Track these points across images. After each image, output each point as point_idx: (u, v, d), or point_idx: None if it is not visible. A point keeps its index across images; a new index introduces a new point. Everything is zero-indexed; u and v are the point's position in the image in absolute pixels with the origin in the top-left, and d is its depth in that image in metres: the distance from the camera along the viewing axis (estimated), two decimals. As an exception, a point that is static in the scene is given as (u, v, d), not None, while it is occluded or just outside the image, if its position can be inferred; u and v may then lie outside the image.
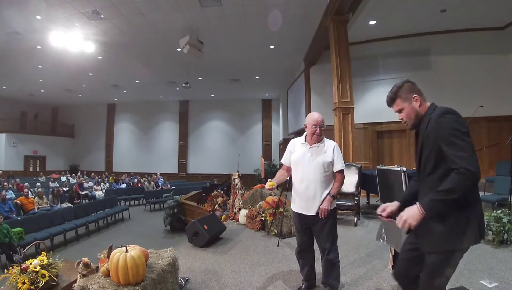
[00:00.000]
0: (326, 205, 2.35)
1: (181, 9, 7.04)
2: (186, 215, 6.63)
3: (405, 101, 1.60)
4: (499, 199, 5.32)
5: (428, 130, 1.49)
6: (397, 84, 1.63)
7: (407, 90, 1.60)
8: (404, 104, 1.60)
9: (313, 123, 2.43)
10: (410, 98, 1.58)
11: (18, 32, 8.11)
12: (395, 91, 1.62)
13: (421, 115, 1.57)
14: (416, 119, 1.59)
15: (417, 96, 1.58)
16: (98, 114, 18.74)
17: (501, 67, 7.60)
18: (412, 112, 1.59)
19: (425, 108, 1.57)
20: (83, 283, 2.05)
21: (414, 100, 1.58)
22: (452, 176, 1.35)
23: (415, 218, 1.39)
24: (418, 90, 1.60)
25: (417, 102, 1.58)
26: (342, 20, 6.44)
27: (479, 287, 2.70)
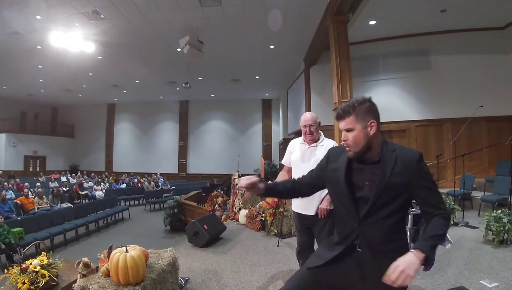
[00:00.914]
0: (325, 204, 2.35)
1: (181, 9, 7.03)
2: (186, 215, 6.64)
3: (360, 122, 1.32)
4: (499, 199, 5.32)
5: (397, 172, 1.28)
6: (357, 99, 1.36)
7: (366, 110, 1.32)
8: (356, 124, 1.32)
9: (303, 123, 2.45)
10: (366, 121, 1.32)
11: (18, 32, 8.11)
12: (352, 105, 1.34)
13: (371, 145, 1.32)
14: (364, 149, 1.32)
15: (375, 123, 1.32)
16: (98, 114, 18.73)
17: (501, 67, 7.59)
18: (362, 139, 1.32)
19: (378, 141, 1.34)
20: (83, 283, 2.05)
21: (369, 125, 1.32)
22: (442, 221, 1.27)
23: (414, 268, 1.16)
24: (378, 116, 1.35)
25: (372, 130, 1.32)
26: (342, 20, 6.43)
27: (479, 287, 2.70)
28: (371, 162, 1.35)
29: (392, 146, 1.36)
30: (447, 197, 5.16)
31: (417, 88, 8.21)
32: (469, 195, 6.21)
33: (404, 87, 8.38)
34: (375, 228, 1.30)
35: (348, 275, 1.35)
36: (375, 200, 1.30)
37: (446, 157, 7.54)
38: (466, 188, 6.11)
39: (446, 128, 7.93)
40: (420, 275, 2.92)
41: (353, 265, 1.33)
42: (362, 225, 1.32)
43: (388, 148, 1.35)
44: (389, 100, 8.47)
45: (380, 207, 1.30)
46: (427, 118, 8.11)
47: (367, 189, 1.33)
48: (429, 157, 7.68)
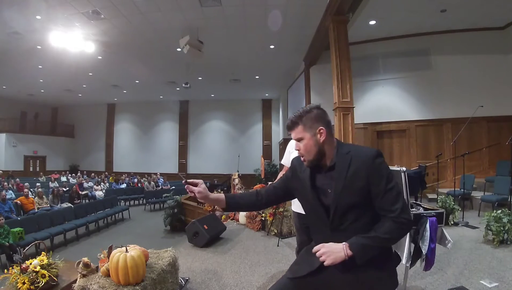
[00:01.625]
0: None
1: (181, 9, 7.03)
2: (186, 215, 6.62)
3: (308, 130, 1.32)
4: (499, 199, 5.33)
5: (353, 173, 1.26)
6: (304, 108, 1.36)
7: (313, 118, 1.32)
8: (305, 133, 1.32)
9: None
10: (314, 129, 1.31)
11: (18, 32, 8.11)
12: (299, 115, 1.34)
13: (324, 152, 1.32)
14: (317, 156, 1.32)
15: (323, 129, 1.31)
16: (98, 114, 18.73)
17: (501, 67, 7.60)
18: (313, 147, 1.32)
19: (331, 145, 1.33)
20: (83, 283, 2.05)
21: (318, 132, 1.31)
22: (390, 224, 1.22)
23: (335, 258, 1.20)
24: (327, 122, 1.34)
25: (322, 136, 1.31)
26: (342, 20, 6.43)
27: (479, 287, 2.70)
28: (328, 168, 1.34)
29: (347, 148, 1.33)
30: (447, 197, 5.16)
31: (417, 88, 8.22)
32: (469, 195, 6.21)
33: (404, 87, 8.38)
34: (348, 234, 1.27)
35: (330, 282, 1.34)
36: (336, 206, 1.28)
37: (446, 157, 7.55)
38: (466, 188, 6.11)
39: (446, 128, 7.94)
40: (420, 275, 2.92)
41: (335, 271, 1.31)
42: (335, 232, 1.30)
43: (343, 151, 1.32)
44: (389, 100, 8.48)
45: (345, 212, 1.28)
46: (427, 118, 8.12)
47: (331, 195, 1.31)
48: (429, 157, 7.70)
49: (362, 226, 1.27)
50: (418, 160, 7.92)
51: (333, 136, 1.36)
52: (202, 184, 1.42)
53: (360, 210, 1.28)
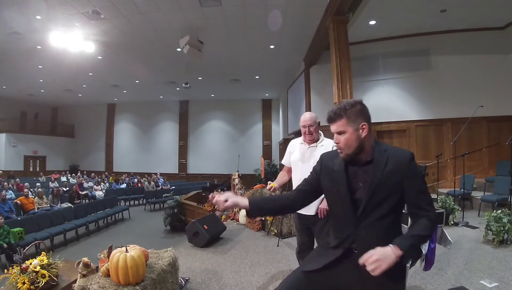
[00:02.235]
0: (324, 204, 2.34)
1: (181, 9, 7.03)
2: (186, 215, 6.63)
3: (351, 124, 1.33)
4: (499, 199, 5.33)
5: (389, 171, 1.29)
6: (349, 101, 1.38)
7: (358, 113, 1.34)
8: (348, 127, 1.33)
9: (302, 124, 2.47)
10: (358, 124, 1.33)
11: (18, 32, 8.11)
12: (343, 108, 1.35)
13: (363, 147, 1.33)
14: (356, 151, 1.33)
15: (366, 125, 1.33)
16: (98, 114, 18.72)
17: (501, 67, 7.59)
18: (354, 141, 1.32)
19: (370, 142, 1.35)
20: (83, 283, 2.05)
21: (361, 127, 1.33)
22: (427, 222, 1.28)
23: (388, 262, 1.17)
24: (369, 118, 1.37)
25: (364, 132, 1.33)
26: (342, 20, 6.43)
27: (479, 287, 2.70)
28: (364, 163, 1.36)
29: (384, 146, 1.37)
30: (447, 197, 5.17)
31: (417, 88, 8.22)
32: (469, 195, 6.21)
33: (404, 87, 8.38)
34: (371, 230, 1.31)
35: (345, 278, 1.35)
36: (368, 200, 1.31)
37: (446, 157, 7.54)
38: (466, 188, 6.11)
39: (446, 128, 7.94)
40: (420, 275, 2.92)
41: (351, 267, 1.33)
42: (359, 228, 1.33)
43: (380, 148, 1.36)
44: (389, 100, 8.48)
45: (373, 208, 1.31)
46: (427, 118, 8.12)
47: (361, 191, 1.33)
48: (429, 157, 7.69)
49: (386, 225, 1.31)
50: (418, 160, 7.88)
51: (372, 132, 1.38)
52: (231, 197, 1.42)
53: (388, 209, 1.30)
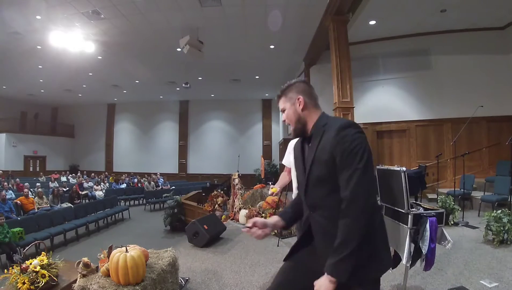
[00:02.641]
0: None
1: (181, 9, 7.03)
2: (186, 215, 6.63)
3: (289, 100, 1.40)
4: (499, 199, 5.33)
5: (321, 147, 1.25)
6: (290, 81, 1.45)
7: (294, 90, 1.40)
8: (286, 103, 1.41)
9: None
10: (294, 99, 1.38)
11: (18, 32, 8.11)
12: (283, 88, 1.45)
13: (305, 121, 1.36)
14: (298, 124, 1.37)
15: (302, 98, 1.36)
16: (98, 114, 18.72)
17: (501, 67, 7.59)
18: (292, 115, 1.38)
19: (312, 116, 1.36)
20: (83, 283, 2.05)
21: (297, 101, 1.36)
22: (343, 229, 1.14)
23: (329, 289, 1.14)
24: (308, 93, 1.38)
25: (300, 106, 1.36)
26: (342, 20, 6.43)
27: (479, 287, 2.70)
28: (308, 139, 1.38)
29: (326, 120, 1.31)
30: (447, 197, 5.16)
31: (417, 88, 8.22)
32: (469, 195, 6.21)
33: (404, 87, 8.39)
34: (321, 213, 1.27)
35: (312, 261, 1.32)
36: (306, 180, 1.30)
37: (446, 157, 7.55)
38: (466, 188, 6.11)
39: (446, 128, 7.94)
40: (420, 275, 2.92)
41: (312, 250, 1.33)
42: (312, 210, 1.31)
43: (320, 123, 1.32)
44: (389, 100, 8.49)
45: (315, 188, 1.28)
46: (427, 118, 8.12)
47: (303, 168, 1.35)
48: (429, 157, 7.70)
49: (335, 203, 1.19)
50: (418, 160, 7.92)
51: (316, 108, 1.38)
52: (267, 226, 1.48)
53: (330, 185, 1.22)
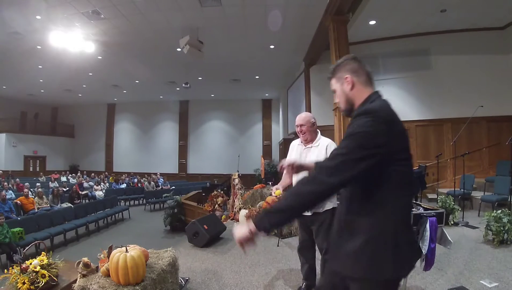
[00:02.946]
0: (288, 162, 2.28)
1: (181, 9, 7.03)
2: (186, 215, 6.63)
3: (338, 81, 1.33)
4: (499, 199, 5.33)
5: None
6: (337, 61, 1.37)
7: (343, 69, 1.31)
8: (336, 84, 1.34)
9: (296, 123, 2.51)
10: (342, 78, 1.30)
11: (18, 32, 8.11)
12: (333, 68, 1.36)
13: (353, 102, 1.28)
14: (347, 105, 1.31)
15: (350, 77, 1.28)
16: (98, 114, 18.72)
17: (501, 67, 7.59)
18: (341, 96, 1.32)
19: (361, 96, 1.27)
20: (83, 283, 2.05)
21: (345, 80, 1.29)
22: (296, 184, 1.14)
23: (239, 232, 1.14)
24: (355, 71, 1.29)
25: (348, 85, 1.28)
26: (342, 20, 6.43)
27: (479, 287, 2.70)
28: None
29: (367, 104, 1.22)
30: (447, 197, 5.16)
31: (417, 88, 8.22)
32: (469, 195, 6.21)
33: (404, 87, 8.38)
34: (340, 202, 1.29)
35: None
36: None
37: (446, 157, 7.55)
38: (466, 188, 6.11)
39: (446, 128, 7.94)
40: (420, 275, 2.92)
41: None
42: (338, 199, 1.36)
43: (361, 106, 1.24)
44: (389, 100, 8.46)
45: None
46: (427, 118, 8.12)
47: None
48: (429, 157, 7.70)
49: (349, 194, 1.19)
50: (418, 160, 7.91)
51: (366, 87, 1.28)
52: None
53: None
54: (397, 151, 1.12)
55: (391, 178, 1.12)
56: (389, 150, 1.09)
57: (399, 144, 1.13)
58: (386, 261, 1.09)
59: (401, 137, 1.15)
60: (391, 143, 1.09)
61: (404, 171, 1.13)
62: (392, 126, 1.13)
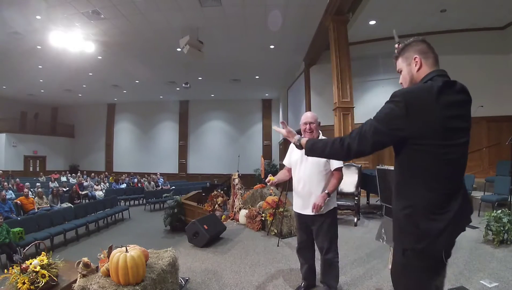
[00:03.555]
0: (319, 201, 2.30)
1: (181, 9, 7.03)
2: (186, 215, 6.63)
3: (405, 61, 1.35)
4: (499, 199, 5.33)
5: None
6: (407, 41, 1.39)
7: (412, 49, 1.34)
8: (403, 64, 1.36)
9: (304, 121, 2.49)
10: (410, 58, 1.33)
11: (18, 32, 8.11)
12: (401, 48, 1.39)
13: (417, 82, 1.31)
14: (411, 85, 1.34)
15: (419, 58, 1.30)
16: (98, 114, 18.73)
17: (501, 67, 7.60)
18: (407, 76, 1.34)
19: (422, 75, 1.29)
20: (83, 283, 2.05)
21: (414, 61, 1.31)
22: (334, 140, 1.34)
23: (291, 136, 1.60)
24: (425, 52, 1.32)
25: (416, 66, 1.30)
26: (342, 20, 6.44)
27: (479, 287, 2.70)
28: None
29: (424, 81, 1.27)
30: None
31: (417, 88, 8.22)
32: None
33: (404, 87, 8.38)
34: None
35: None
36: None
37: (446, 157, 7.54)
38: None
39: (446, 128, 7.94)
40: (420, 275, 2.92)
41: None
42: None
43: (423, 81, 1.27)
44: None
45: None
46: (427, 118, 8.12)
47: None
48: (429, 157, 7.69)
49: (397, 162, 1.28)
50: (418, 160, 7.92)
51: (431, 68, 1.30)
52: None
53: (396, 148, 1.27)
54: (419, 136, 1.15)
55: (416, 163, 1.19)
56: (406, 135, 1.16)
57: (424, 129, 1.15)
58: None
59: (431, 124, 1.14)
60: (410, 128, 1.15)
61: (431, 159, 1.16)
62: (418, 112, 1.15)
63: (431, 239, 1.15)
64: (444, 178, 1.17)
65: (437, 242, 1.15)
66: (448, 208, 1.16)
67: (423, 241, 1.15)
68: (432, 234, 1.15)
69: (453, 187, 1.19)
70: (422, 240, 1.15)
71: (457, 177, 1.21)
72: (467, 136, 1.23)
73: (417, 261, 1.19)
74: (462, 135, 1.20)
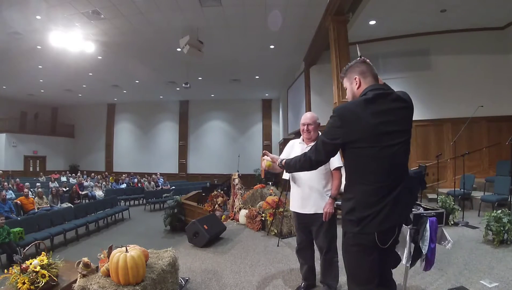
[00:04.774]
0: (329, 208, 2.36)
1: (181, 9, 7.03)
2: (186, 215, 6.62)
3: (348, 81, 1.55)
4: (499, 199, 5.33)
5: None
6: (350, 63, 1.59)
7: (354, 71, 1.53)
8: (347, 83, 1.56)
9: (302, 121, 2.52)
10: (352, 79, 1.52)
11: (18, 32, 8.11)
12: (345, 70, 1.58)
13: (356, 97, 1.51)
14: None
15: (358, 78, 1.49)
16: (98, 114, 18.73)
17: (501, 67, 7.59)
18: (350, 94, 1.55)
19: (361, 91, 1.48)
20: (83, 283, 2.05)
21: (354, 80, 1.50)
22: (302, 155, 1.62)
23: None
24: (364, 73, 1.50)
25: (356, 84, 1.50)
26: (342, 20, 6.43)
27: (479, 287, 2.70)
28: None
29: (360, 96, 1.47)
30: (447, 197, 5.16)
31: (417, 88, 8.20)
32: (469, 195, 6.21)
33: (404, 87, 8.21)
34: None
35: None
36: None
37: (446, 157, 7.54)
38: (466, 188, 6.11)
39: (446, 128, 7.94)
40: (420, 275, 2.92)
41: None
42: None
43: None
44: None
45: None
46: (427, 118, 8.11)
47: None
48: (429, 157, 7.70)
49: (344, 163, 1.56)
50: (418, 160, 7.91)
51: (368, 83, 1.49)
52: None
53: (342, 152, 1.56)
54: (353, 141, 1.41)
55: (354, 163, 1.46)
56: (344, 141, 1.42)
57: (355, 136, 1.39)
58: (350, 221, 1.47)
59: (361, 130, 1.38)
60: (344, 136, 1.41)
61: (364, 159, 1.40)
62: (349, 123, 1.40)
63: (364, 224, 1.39)
64: (377, 174, 1.39)
65: (369, 226, 1.38)
66: (381, 199, 1.37)
67: (358, 225, 1.41)
68: (365, 220, 1.39)
69: (388, 181, 1.39)
70: (358, 224, 1.41)
71: (393, 172, 1.40)
72: (402, 137, 1.41)
73: (354, 242, 1.45)
74: (395, 137, 1.39)
